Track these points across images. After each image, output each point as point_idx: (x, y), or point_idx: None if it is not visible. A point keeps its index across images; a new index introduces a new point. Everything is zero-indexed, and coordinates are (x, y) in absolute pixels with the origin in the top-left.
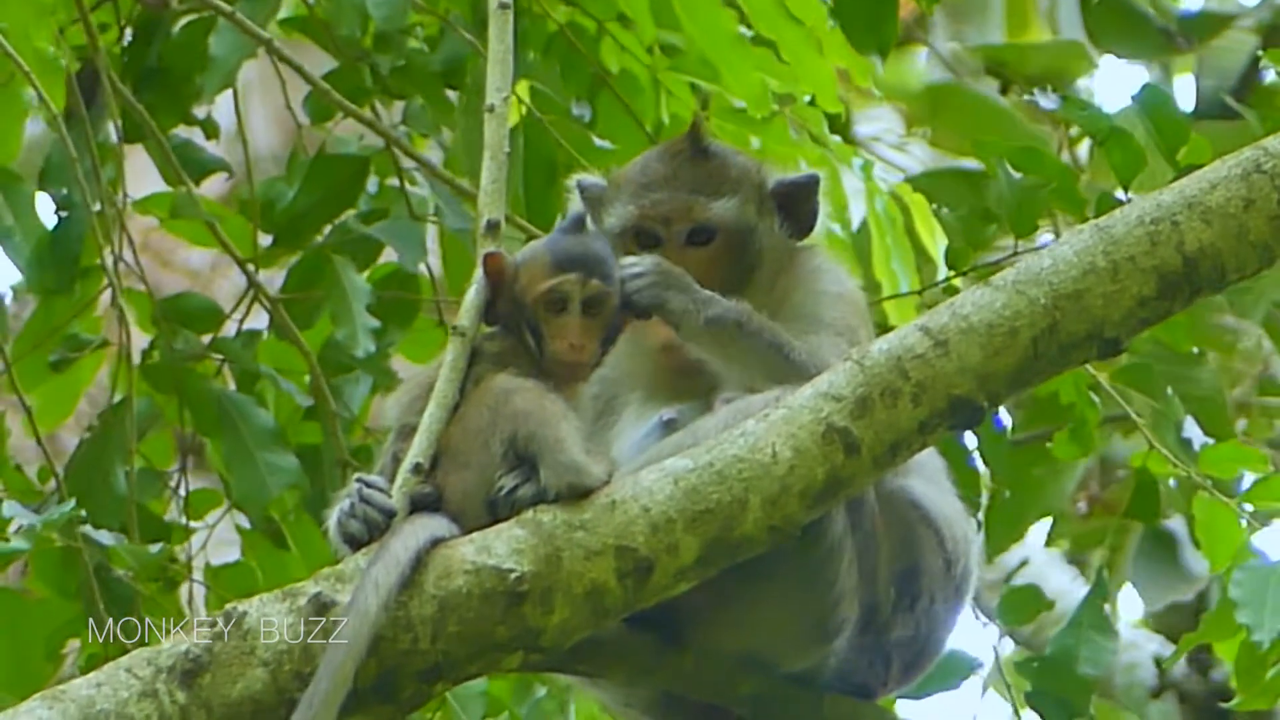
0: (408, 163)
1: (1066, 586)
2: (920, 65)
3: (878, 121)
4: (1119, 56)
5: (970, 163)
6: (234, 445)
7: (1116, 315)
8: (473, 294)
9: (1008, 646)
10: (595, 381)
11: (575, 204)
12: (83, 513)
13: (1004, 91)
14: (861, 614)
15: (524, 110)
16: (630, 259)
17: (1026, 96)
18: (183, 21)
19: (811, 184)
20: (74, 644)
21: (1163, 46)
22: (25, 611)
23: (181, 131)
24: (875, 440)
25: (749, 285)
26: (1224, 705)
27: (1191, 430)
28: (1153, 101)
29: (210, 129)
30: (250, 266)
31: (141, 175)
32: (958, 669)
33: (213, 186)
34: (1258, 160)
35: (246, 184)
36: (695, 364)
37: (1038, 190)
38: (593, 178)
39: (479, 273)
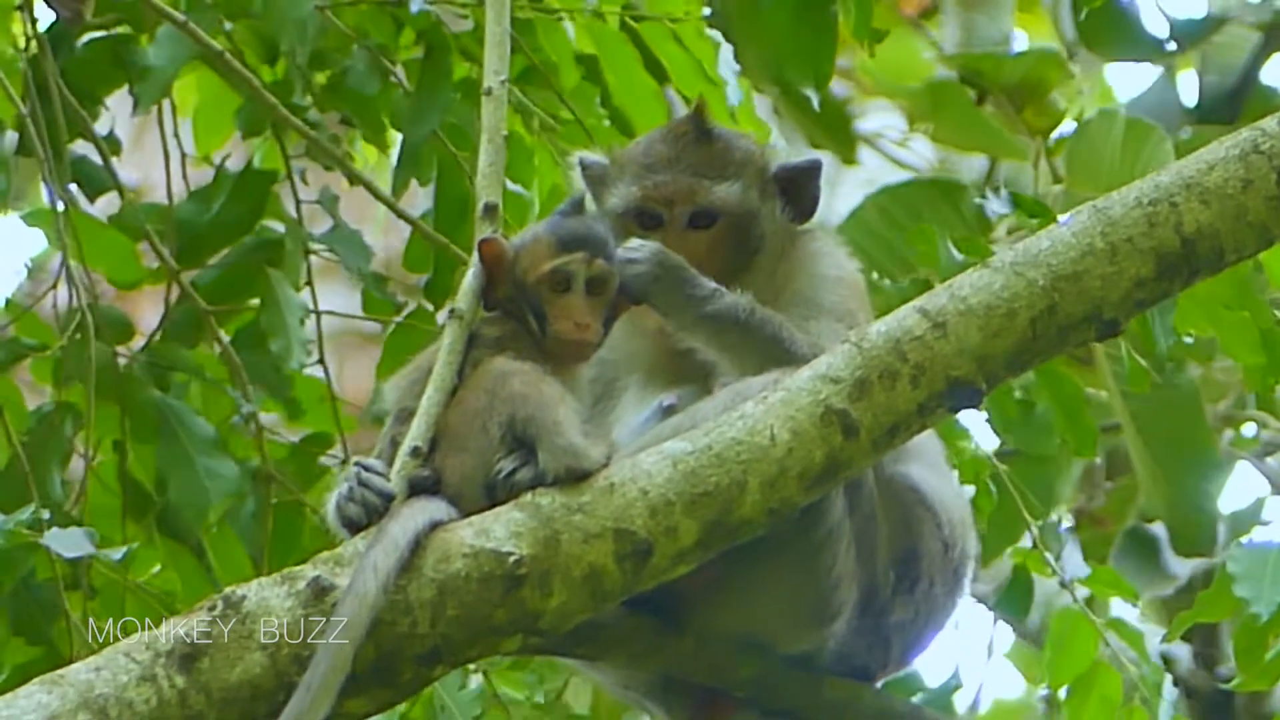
0: (305, 195)
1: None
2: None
3: (882, 114)
4: (1111, 60)
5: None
6: (173, 452)
7: (1115, 296)
8: (470, 278)
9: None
10: (594, 364)
11: (576, 183)
12: (47, 514)
13: (980, 101)
14: (860, 597)
15: (441, 146)
16: (634, 242)
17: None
18: (88, 37)
19: (814, 168)
20: None
21: (1155, 51)
22: None
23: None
24: (874, 422)
25: (750, 269)
26: (1225, 686)
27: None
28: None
29: (112, 145)
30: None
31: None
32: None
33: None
34: (1255, 141)
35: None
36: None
37: None
38: (595, 156)
39: (475, 257)
